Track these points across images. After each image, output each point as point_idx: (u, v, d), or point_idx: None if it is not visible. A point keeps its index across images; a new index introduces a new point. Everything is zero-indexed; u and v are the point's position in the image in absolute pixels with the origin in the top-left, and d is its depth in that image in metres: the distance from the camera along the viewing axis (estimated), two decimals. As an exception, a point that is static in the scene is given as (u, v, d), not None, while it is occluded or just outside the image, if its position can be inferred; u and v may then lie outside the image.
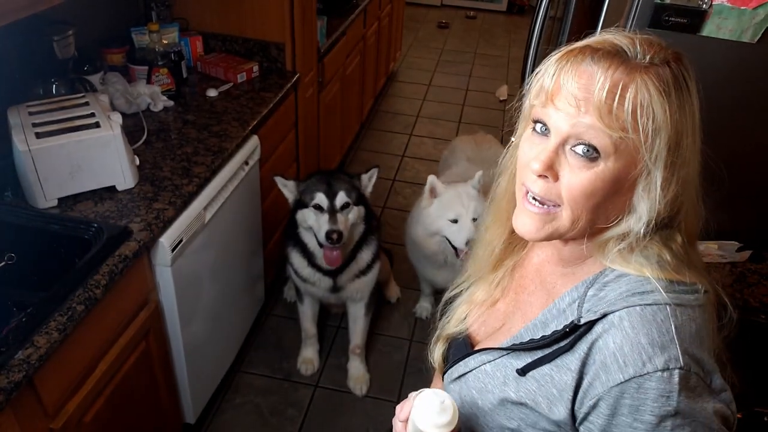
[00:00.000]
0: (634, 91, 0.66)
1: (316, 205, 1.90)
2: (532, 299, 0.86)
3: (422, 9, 6.47)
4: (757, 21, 1.36)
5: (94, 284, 1.29)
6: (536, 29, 1.77)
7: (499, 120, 4.24)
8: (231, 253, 2.00)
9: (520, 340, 0.81)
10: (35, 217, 1.47)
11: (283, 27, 2.32)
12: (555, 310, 0.79)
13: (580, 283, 0.78)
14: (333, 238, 1.85)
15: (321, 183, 1.92)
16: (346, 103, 3.31)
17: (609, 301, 0.72)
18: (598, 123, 0.67)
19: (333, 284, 2.08)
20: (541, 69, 0.74)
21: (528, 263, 0.91)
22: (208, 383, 2.03)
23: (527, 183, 0.75)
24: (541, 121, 0.73)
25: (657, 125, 0.67)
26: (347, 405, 2.20)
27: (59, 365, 1.22)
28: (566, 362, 0.74)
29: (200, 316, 1.83)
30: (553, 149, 0.71)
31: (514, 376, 0.79)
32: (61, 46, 1.77)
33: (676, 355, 0.66)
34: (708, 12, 1.37)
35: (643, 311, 0.69)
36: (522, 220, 0.77)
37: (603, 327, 0.71)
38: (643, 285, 0.72)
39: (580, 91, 0.68)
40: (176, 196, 1.60)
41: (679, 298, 0.70)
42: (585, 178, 0.70)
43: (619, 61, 0.68)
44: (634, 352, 0.67)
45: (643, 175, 0.70)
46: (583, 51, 0.71)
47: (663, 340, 0.67)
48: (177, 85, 2.11)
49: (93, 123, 1.52)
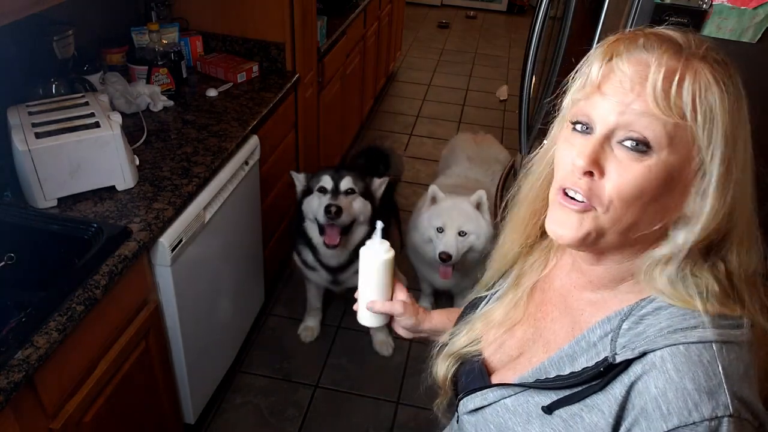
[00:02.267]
0: (693, 76, 0.62)
1: (320, 187, 1.94)
2: (556, 327, 0.79)
3: (422, 9, 6.47)
4: (757, 21, 1.36)
5: (94, 284, 1.29)
6: (536, 29, 1.77)
7: (499, 120, 4.24)
8: (231, 253, 2.00)
9: (545, 374, 0.74)
10: (35, 217, 1.47)
11: (283, 27, 2.32)
12: (584, 342, 0.72)
13: (613, 315, 0.71)
14: (331, 210, 1.85)
15: (329, 169, 2.00)
16: (346, 103, 3.31)
17: (648, 337, 0.65)
18: (653, 108, 0.62)
19: (335, 279, 2.19)
20: (584, 63, 0.69)
21: (549, 287, 0.84)
22: (208, 383, 2.03)
23: (568, 184, 0.68)
24: (582, 120, 0.68)
25: (714, 115, 0.62)
26: (347, 405, 2.20)
27: (59, 365, 1.22)
28: (597, 402, 0.67)
29: (200, 316, 1.83)
30: (598, 142, 0.65)
31: (538, 413, 0.73)
32: (61, 46, 1.77)
33: (725, 402, 0.60)
34: (708, 12, 1.37)
35: (688, 351, 0.62)
36: (558, 219, 0.69)
37: (642, 368, 0.64)
38: (686, 319, 0.65)
39: (634, 75, 0.63)
40: (176, 196, 1.60)
41: (725, 334, 0.64)
42: (637, 173, 0.63)
43: (675, 49, 0.64)
44: (679, 399, 0.61)
45: (698, 176, 0.64)
46: (634, 37, 0.66)
47: (710, 384, 0.61)
48: (177, 85, 2.11)
49: (93, 123, 1.51)
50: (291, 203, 2.63)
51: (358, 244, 2.04)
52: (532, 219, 0.83)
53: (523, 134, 1.95)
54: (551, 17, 1.88)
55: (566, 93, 0.72)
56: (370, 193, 2.06)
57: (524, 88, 1.85)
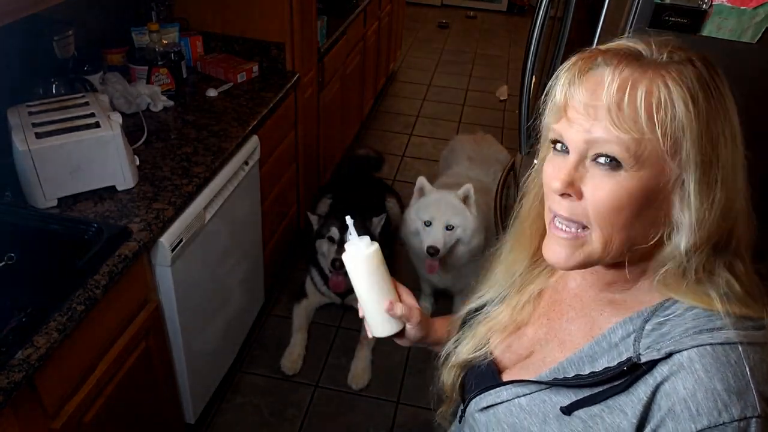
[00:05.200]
0: (647, 86, 0.61)
1: (329, 237, 2.27)
2: (573, 327, 0.78)
3: (422, 9, 6.47)
4: (757, 21, 1.36)
5: (94, 284, 1.29)
6: (536, 29, 1.77)
7: (499, 120, 4.24)
8: (231, 253, 2.00)
9: (563, 373, 0.73)
10: (35, 217, 1.47)
11: (283, 27, 2.32)
12: (605, 343, 0.71)
13: (635, 314, 0.70)
14: (336, 265, 2.20)
15: (336, 219, 2.30)
16: (346, 103, 3.30)
17: (674, 338, 0.65)
18: (611, 128, 0.61)
19: (342, 301, 2.48)
20: (550, 84, 0.69)
21: (564, 288, 0.83)
22: (208, 383, 2.03)
23: (553, 206, 0.69)
24: (558, 140, 0.68)
25: (680, 123, 0.61)
26: (347, 405, 2.20)
27: (59, 365, 1.22)
28: (620, 403, 0.66)
29: (200, 316, 1.83)
30: (572, 166, 0.65)
31: (556, 414, 0.71)
32: (61, 45, 1.77)
33: (753, 402, 0.60)
34: (708, 12, 1.36)
35: (715, 352, 0.62)
36: (552, 249, 0.71)
37: (669, 369, 0.64)
38: (711, 321, 0.64)
39: (589, 99, 0.63)
40: (176, 196, 1.60)
41: (749, 335, 0.64)
42: (609, 190, 0.63)
43: (631, 61, 0.63)
44: (709, 400, 0.60)
45: (677, 183, 0.64)
46: (591, 56, 0.66)
47: (739, 385, 0.61)
48: (177, 85, 2.11)
49: (93, 123, 1.51)
50: (291, 203, 2.64)
51: None
52: (536, 236, 0.82)
53: (523, 134, 1.95)
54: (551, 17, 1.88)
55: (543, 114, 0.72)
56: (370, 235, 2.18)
57: (524, 88, 1.85)
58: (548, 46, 1.97)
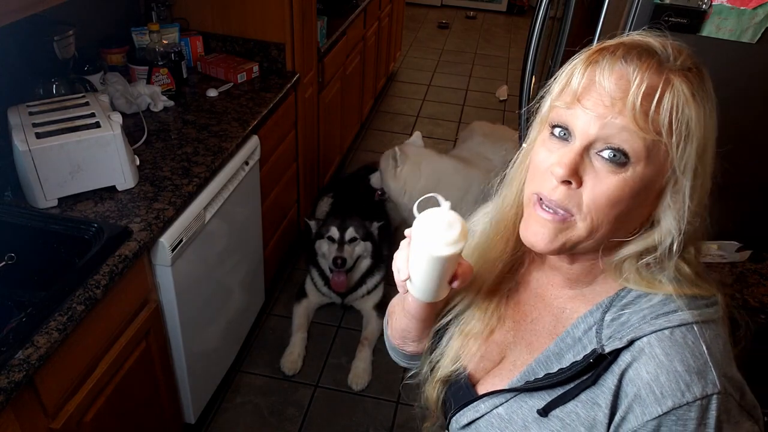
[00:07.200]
0: (672, 95, 0.63)
1: (329, 236, 2.36)
2: (538, 327, 0.79)
3: (422, 9, 6.48)
4: (757, 21, 1.36)
5: (94, 284, 1.29)
6: (536, 29, 1.78)
7: (499, 120, 4.23)
8: (231, 253, 2.00)
9: (533, 375, 0.74)
10: (35, 217, 1.47)
11: (283, 27, 2.32)
12: (570, 339, 0.73)
13: (594, 307, 0.72)
14: (338, 263, 2.30)
15: (336, 219, 2.40)
16: (346, 103, 3.31)
17: (632, 325, 0.67)
18: (632, 125, 0.62)
19: (342, 301, 2.52)
20: (566, 68, 0.69)
21: (525, 289, 0.83)
22: (208, 383, 2.03)
23: (544, 191, 0.68)
24: (561, 125, 0.67)
25: (690, 130, 0.63)
26: (347, 405, 2.20)
27: (59, 365, 1.22)
28: (592, 397, 0.68)
29: (200, 316, 1.83)
30: (578, 152, 0.65)
31: (534, 417, 0.72)
32: (61, 46, 1.77)
33: (713, 379, 0.63)
34: (708, 12, 1.37)
35: (673, 334, 0.65)
36: (533, 229, 0.69)
37: (632, 355, 0.66)
38: (665, 305, 0.67)
39: (613, 91, 0.63)
40: (176, 196, 1.60)
41: (702, 314, 0.66)
42: (612, 185, 0.64)
43: (655, 63, 0.64)
44: (671, 382, 0.63)
45: (671, 184, 0.66)
46: (615, 49, 0.66)
47: (698, 364, 0.63)
48: (177, 85, 2.11)
49: (93, 123, 1.52)
50: (291, 203, 2.64)
51: (364, 274, 2.44)
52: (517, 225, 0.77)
53: (523, 134, 1.95)
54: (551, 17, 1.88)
55: (545, 96, 0.72)
56: (369, 234, 2.43)
57: (524, 88, 1.85)
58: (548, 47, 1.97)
